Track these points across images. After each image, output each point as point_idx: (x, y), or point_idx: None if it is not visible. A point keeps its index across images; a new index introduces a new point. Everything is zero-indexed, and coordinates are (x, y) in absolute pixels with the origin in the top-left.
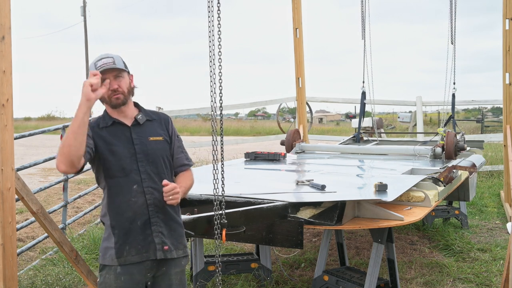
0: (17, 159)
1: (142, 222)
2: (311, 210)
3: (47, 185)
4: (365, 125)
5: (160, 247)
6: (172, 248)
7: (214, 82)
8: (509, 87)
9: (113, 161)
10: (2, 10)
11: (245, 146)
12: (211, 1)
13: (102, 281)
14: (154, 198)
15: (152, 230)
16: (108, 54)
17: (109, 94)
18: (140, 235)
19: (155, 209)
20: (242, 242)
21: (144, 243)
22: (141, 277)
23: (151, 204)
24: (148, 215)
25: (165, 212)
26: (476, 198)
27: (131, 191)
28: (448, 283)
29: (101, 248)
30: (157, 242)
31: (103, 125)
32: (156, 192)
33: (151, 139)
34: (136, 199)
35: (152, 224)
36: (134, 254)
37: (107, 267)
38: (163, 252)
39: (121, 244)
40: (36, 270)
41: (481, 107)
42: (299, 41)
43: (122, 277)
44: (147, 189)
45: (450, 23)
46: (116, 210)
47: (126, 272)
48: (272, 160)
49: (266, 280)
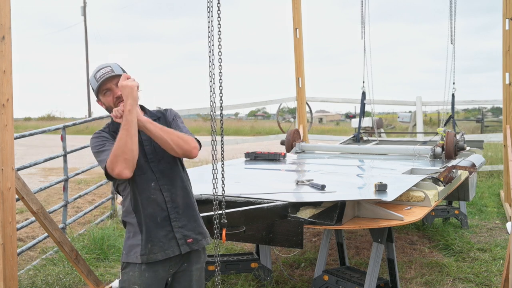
0: (17, 159)
1: (162, 218)
2: (311, 210)
3: (47, 185)
4: (365, 125)
5: (183, 242)
6: (200, 238)
7: (213, 82)
8: (509, 87)
9: None
10: (2, 10)
11: (245, 146)
12: (210, 1)
13: (126, 279)
14: (171, 194)
15: (172, 226)
16: (104, 64)
17: (114, 101)
18: (161, 231)
19: (173, 205)
20: (242, 242)
21: (166, 239)
22: (165, 274)
23: (169, 201)
24: (168, 212)
25: (186, 206)
26: (476, 198)
27: (150, 189)
28: (448, 283)
29: (125, 246)
30: (179, 238)
31: (113, 130)
32: (172, 188)
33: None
34: (155, 196)
35: (172, 220)
36: (157, 251)
37: (131, 265)
38: (187, 245)
39: (145, 241)
40: (36, 270)
41: (481, 107)
42: (299, 41)
43: (146, 274)
44: (163, 186)
45: (450, 23)
46: (139, 208)
47: (150, 269)
48: (272, 160)
49: (266, 280)
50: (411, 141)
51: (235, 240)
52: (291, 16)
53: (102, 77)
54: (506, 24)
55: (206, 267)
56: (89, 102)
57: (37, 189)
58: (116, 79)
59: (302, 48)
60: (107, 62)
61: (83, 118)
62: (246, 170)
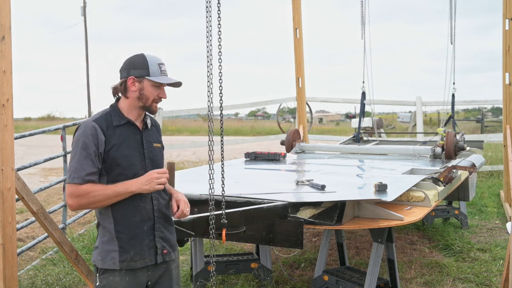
0: (17, 159)
1: (148, 227)
2: (311, 210)
3: (47, 185)
4: (365, 125)
5: (160, 252)
6: (171, 251)
7: (211, 82)
8: (509, 87)
9: (124, 165)
10: (2, 10)
11: (245, 146)
12: (210, 1)
13: (105, 284)
14: (158, 203)
15: (155, 235)
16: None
17: (155, 98)
18: (145, 240)
19: (159, 214)
20: (242, 242)
21: (147, 248)
22: (144, 277)
23: (156, 210)
24: (154, 221)
25: (165, 217)
26: (476, 198)
27: (141, 196)
28: (448, 283)
29: (101, 250)
30: (159, 247)
31: (116, 124)
32: (160, 198)
33: (155, 145)
34: (145, 205)
35: (156, 230)
36: (138, 259)
37: (110, 271)
38: (162, 256)
39: (127, 248)
40: (36, 270)
41: (481, 107)
42: (299, 41)
43: (127, 278)
44: (154, 195)
45: (450, 23)
46: (124, 214)
47: (131, 273)
48: (272, 160)
49: (266, 280)
50: (411, 141)
51: (235, 240)
52: (291, 16)
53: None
54: (506, 24)
55: (206, 267)
56: (89, 102)
57: (37, 189)
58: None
59: (302, 48)
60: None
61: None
62: (246, 170)
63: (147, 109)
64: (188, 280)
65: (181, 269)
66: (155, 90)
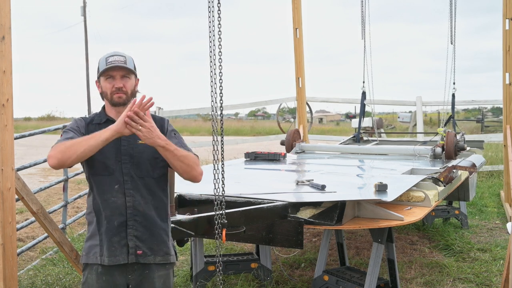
0: (17, 159)
1: (119, 223)
2: (311, 210)
3: (47, 185)
4: (365, 125)
5: (133, 251)
6: (149, 254)
7: (214, 82)
8: (509, 87)
9: (98, 159)
10: (2, 10)
11: (245, 146)
12: (211, 1)
13: (84, 281)
14: (134, 200)
15: (127, 233)
16: (121, 53)
17: (112, 90)
18: (115, 236)
19: (134, 212)
20: (242, 242)
21: (119, 246)
22: (122, 279)
23: (130, 206)
24: (126, 217)
25: (146, 217)
26: (476, 198)
27: (112, 191)
28: (448, 283)
29: (85, 247)
30: (131, 246)
31: (96, 122)
32: (137, 195)
33: (140, 142)
34: (116, 199)
35: (128, 227)
36: (109, 255)
37: (89, 266)
38: (135, 256)
39: (101, 243)
40: (36, 270)
41: (481, 107)
42: (299, 41)
43: (103, 277)
44: (128, 191)
45: (450, 23)
46: (97, 208)
47: (107, 273)
48: (272, 160)
49: (266, 280)
50: (411, 141)
51: (235, 240)
52: (291, 16)
53: (112, 63)
54: (506, 24)
55: (206, 267)
56: (89, 102)
57: (37, 189)
58: (124, 71)
59: (302, 48)
60: (124, 52)
61: None
62: (246, 170)
63: (112, 103)
64: (188, 280)
65: (181, 269)
66: (109, 83)
